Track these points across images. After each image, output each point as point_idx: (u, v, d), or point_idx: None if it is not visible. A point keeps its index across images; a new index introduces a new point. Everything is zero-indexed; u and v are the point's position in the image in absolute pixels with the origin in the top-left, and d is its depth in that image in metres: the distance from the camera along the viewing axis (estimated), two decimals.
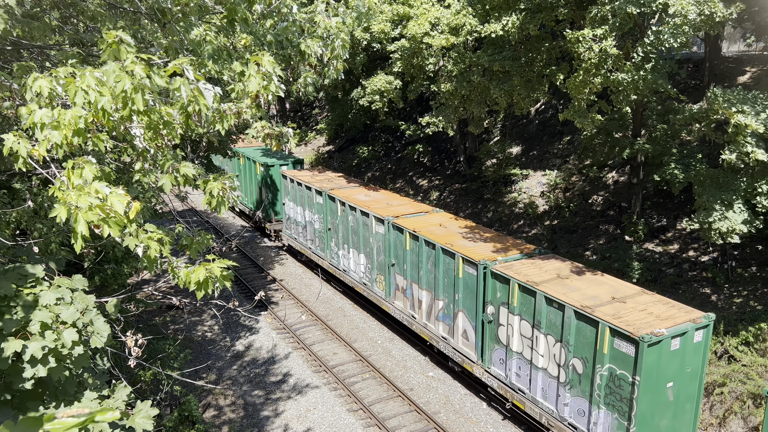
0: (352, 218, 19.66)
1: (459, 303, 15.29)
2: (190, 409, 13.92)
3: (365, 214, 18.85)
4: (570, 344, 12.10)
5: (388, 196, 20.92)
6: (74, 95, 4.08)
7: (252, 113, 5.82)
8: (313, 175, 24.23)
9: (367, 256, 19.26)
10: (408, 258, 17.13)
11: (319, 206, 21.80)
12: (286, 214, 24.84)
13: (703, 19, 13.23)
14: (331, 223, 21.15)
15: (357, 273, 20.12)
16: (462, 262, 14.92)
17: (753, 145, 13.75)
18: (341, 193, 21.02)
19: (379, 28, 24.30)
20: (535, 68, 19.61)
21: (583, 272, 13.81)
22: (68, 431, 1.68)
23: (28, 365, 4.75)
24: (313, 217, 22.50)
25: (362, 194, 20.97)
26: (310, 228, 22.88)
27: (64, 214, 3.89)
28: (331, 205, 20.98)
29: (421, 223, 17.54)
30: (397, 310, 18.06)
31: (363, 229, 19.14)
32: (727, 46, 28.97)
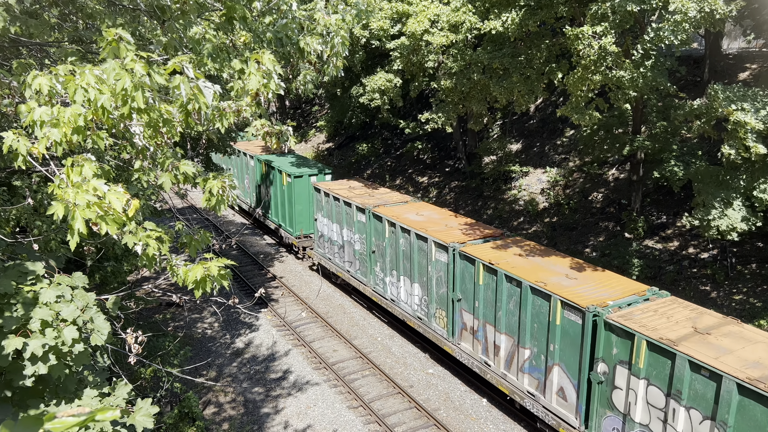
0: (403, 242, 17.18)
1: (554, 355, 12.54)
2: (190, 406, 13.94)
3: (422, 239, 16.34)
4: (728, 425, 9.52)
5: (444, 216, 18.18)
6: (74, 93, 4.08)
7: (252, 111, 5.82)
8: (351, 188, 21.62)
9: (423, 286, 16.72)
10: (481, 294, 14.44)
11: (361, 225, 19.34)
12: (319, 231, 22.25)
13: (703, 16, 13.22)
14: (375, 245, 18.72)
15: (409, 305, 17.59)
16: (560, 306, 12.17)
17: (754, 140, 13.75)
18: (389, 211, 18.45)
19: (379, 25, 24.26)
20: (534, 65, 19.59)
21: (722, 325, 11.04)
22: (69, 430, 1.68)
23: (29, 363, 4.76)
24: (352, 237, 20.04)
25: (413, 213, 18.36)
26: (349, 249, 20.44)
27: (62, 211, 3.90)
28: (376, 224, 18.50)
29: (496, 252, 14.79)
30: (463, 353, 15.32)
31: (418, 255, 16.64)
32: (727, 43, 28.94)
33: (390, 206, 19.16)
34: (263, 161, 27.09)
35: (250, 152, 29.05)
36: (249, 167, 29.08)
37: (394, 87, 26.26)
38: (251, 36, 6.99)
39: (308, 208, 24.21)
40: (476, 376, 15.89)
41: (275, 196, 26.28)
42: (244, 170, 30.38)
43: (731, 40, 30.00)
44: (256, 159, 28.03)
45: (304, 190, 24.20)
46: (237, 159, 30.68)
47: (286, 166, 25.57)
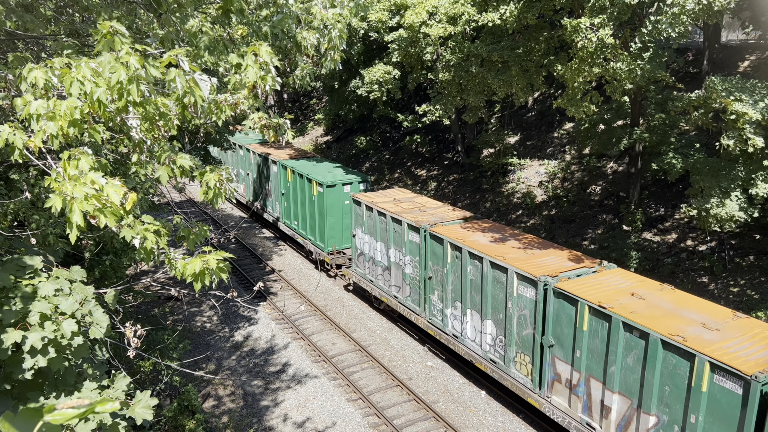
0: (472, 270, 14.62)
1: (698, 429, 10.06)
2: (189, 399, 14.00)
3: (498, 268, 13.76)
4: None
5: (519, 239, 15.47)
6: (70, 86, 4.08)
7: (249, 104, 5.82)
8: (397, 202, 18.98)
9: (498, 324, 14.17)
10: (584, 342, 11.86)
11: (414, 246, 16.85)
12: (358, 248, 19.80)
13: (701, 8, 13.19)
14: (433, 270, 16.21)
15: (478, 344, 14.97)
16: (708, 370, 9.66)
17: (752, 132, 13.76)
18: (450, 232, 15.82)
19: (377, 17, 24.18)
20: (533, 58, 19.56)
21: None
22: (69, 422, 1.69)
23: (28, 356, 4.78)
24: (402, 259, 17.57)
25: (479, 234, 15.85)
26: (397, 272, 17.92)
27: (59, 204, 3.90)
28: (434, 247, 16.04)
29: (604, 290, 12.13)
30: (556, 409, 12.81)
31: (493, 288, 14.06)
32: (726, 34, 28.89)
33: (449, 225, 16.55)
34: (289, 168, 24.04)
35: (273, 156, 26.04)
36: (272, 173, 26.02)
37: (392, 79, 26.21)
38: (248, 29, 6.97)
39: (341, 221, 21.72)
40: (476, 369, 15.95)
41: (302, 207, 23.41)
42: (259, 174, 27.48)
43: (730, 32, 29.95)
44: (279, 165, 24.99)
45: (337, 201, 21.62)
46: (255, 162, 27.88)
47: (316, 173, 22.72)
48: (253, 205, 29.24)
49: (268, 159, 26.41)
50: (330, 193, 21.54)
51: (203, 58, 6.34)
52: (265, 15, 7.45)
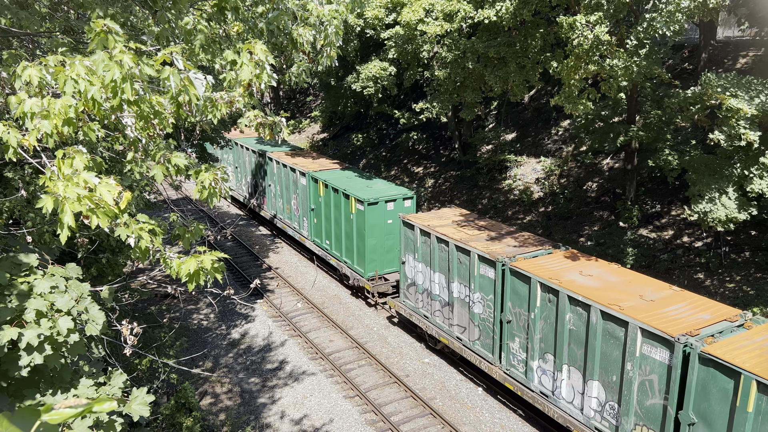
0: (573, 318, 12.06)
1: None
2: (186, 397, 14.01)
3: (613, 320, 11.15)
4: None
5: (629, 279, 12.65)
6: (64, 84, 4.07)
7: (245, 102, 5.81)
8: (458, 226, 16.24)
9: (608, 387, 11.58)
10: (748, 426, 9.31)
11: (486, 282, 14.21)
12: (408, 277, 17.42)
13: (696, 5, 13.21)
14: (513, 313, 13.70)
15: (578, 408, 12.37)
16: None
17: (746, 128, 13.81)
18: (537, 268, 13.14)
19: (373, 14, 24.15)
20: (530, 54, 19.57)
21: None
22: (66, 421, 1.70)
23: (24, 353, 4.79)
24: (469, 296, 14.94)
25: (575, 271, 12.99)
26: (462, 310, 15.38)
27: (51, 204, 3.90)
28: (515, 285, 13.40)
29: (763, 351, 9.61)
30: None
31: (604, 343, 11.44)
32: (722, 31, 28.93)
33: (533, 258, 13.88)
34: (321, 181, 21.53)
35: (300, 167, 23.24)
36: (299, 186, 23.52)
37: (388, 75, 26.18)
38: (244, 26, 6.96)
39: (383, 242, 19.57)
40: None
41: (337, 225, 21.00)
42: (284, 185, 24.89)
43: (726, 29, 29.99)
44: (310, 177, 22.48)
45: (380, 220, 19.33)
46: (283, 173, 24.95)
47: (354, 188, 20.28)
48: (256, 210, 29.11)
49: (296, 170, 23.57)
50: (372, 212, 19.09)
51: (198, 56, 6.33)
52: (261, 11, 7.44)
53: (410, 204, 20.01)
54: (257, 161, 27.80)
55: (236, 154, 30.42)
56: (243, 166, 29.57)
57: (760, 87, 14.23)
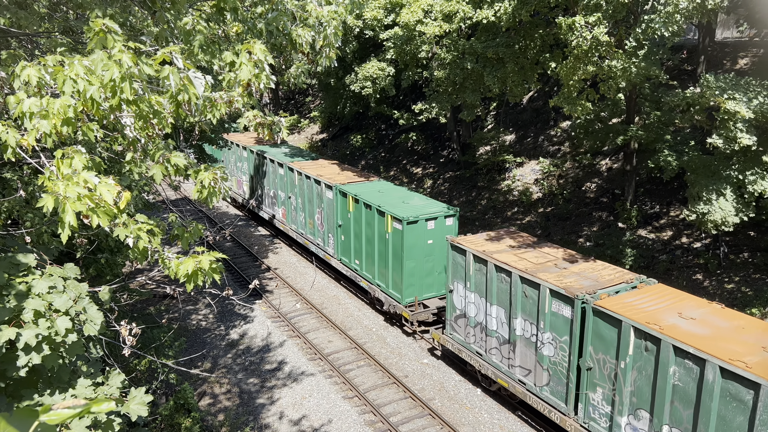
0: (679, 372, 10.19)
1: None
2: (185, 398, 14.00)
3: (741, 382, 9.27)
4: None
5: (743, 323, 10.69)
6: (63, 84, 4.07)
7: (244, 102, 5.81)
8: (517, 251, 14.26)
9: None
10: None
11: (560, 321, 12.28)
12: (456, 307, 15.44)
13: (695, 6, 13.23)
14: (596, 359, 11.73)
15: None
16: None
17: (742, 131, 13.83)
18: (632, 310, 11.11)
19: (372, 15, 24.18)
20: (528, 55, 19.59)
21: None
22: (64, 422, 1.70)
23: (22, 353, 4.78)
24: (536, 335, 13.02)
25: (673, 313, 11.02)
26: (526, 350, 13.41)
27: (51, 203, 3.89)
28: (599, 328, 11.41)
29: None
30: None
31: (723, 406, 9.63)
32: (721, 32, 28.98)
33: (617, 295, 11.82)
34: (351, 196, 19.61)
35: (326, 179, 21.20)
36: (324, 199, 21.42)
37: (386, 76, 26.19)
38: (243, 27, 6.96)
39: (423, 264, 17.73)
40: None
41: (369, 244, 19.10)
42: (307, 198, 22.78)
43: (725, 30, 30.03)
44: (337, 190, 20.41)
45: (419, 240, 17.49)
46: (306, 186, 22.86)
47: (389, 204, 18.32)
48: None
49: (321, 183, 21.38)
50: (410, 231, 17.24)
51: (197, 57, 6.33)
52: (260, 12, 7.44)
53: (452, 222, 17.96)
54: (275, 170, 25.53)
55: (251, 163, 28.21)
56: (265, 176, 26.98)
57: (759, 88, 14.25)
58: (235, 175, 30.71)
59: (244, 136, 31.15)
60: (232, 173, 31.06)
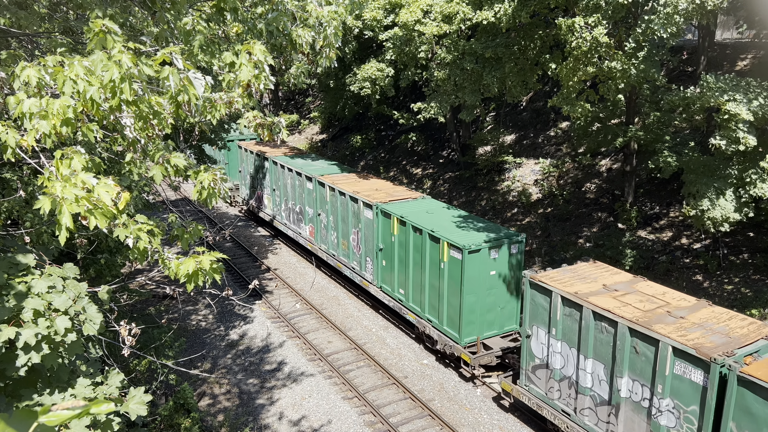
0: None
1: None
2: (185, 398, 13.99)
3: None
4: None
5: None
6: (62, 84, 4.07)
7: (244, 103, 5.82)
8: (616, 294, 12.10)
9: None
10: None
11: (689, 388, 10.13)
12: (536, 356, 13.31)
13: (694, 8, 13.24)
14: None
15: None
16: None
17: (744, 131, 13.84)
18: None
19: (372, 15, 24.19)
20: (528, 56, 19.61)
21: None
22: (64, 423, 1.70)
23: (22, 352, 4.78)
24: (653, 401, 10.81)
25: None
26: (636, 417, 11.21)
27: (48, 205, 3.89)
28: (749, 403, 9.20)
29: None
30: None
31: None
32: (721, 33, 29.00)
33: (766, 359, 9.69)
34: (397, 217, 17.33)
35: (364, 197, 18.88)
36: (362, 219, 19.03)
37: (385, 77, 26.20)
38: (243, 27, 6.97)
39: (484, 299, 15.54)
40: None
41: (418, 272, 16.79)
42: (341, 216, 20.35)
43: (725, 30, 30.05)
44: (378, 210, 18.12)
45: (481, 272, 15.30)
46: (339, 203, 20.41)
47: (445, 228, 16.16)
48: None
49: (358, 201, 19.06)
50: (472, 261, 15.04)
51: (197, 57, 6.33)
52: (260, 12, 7.45)
53: (517, 250, 15.76)
54: (301, 184, 23.04)
55: (274, 175, 25.57)
56: (283, 188, 24.76)
57: (759, 89, 14.26)
58: (256, 188, 28.20)
59: (265, 145, 28.91)
60: (251, 184, 28.82)
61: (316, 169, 23.02)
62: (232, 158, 31.94)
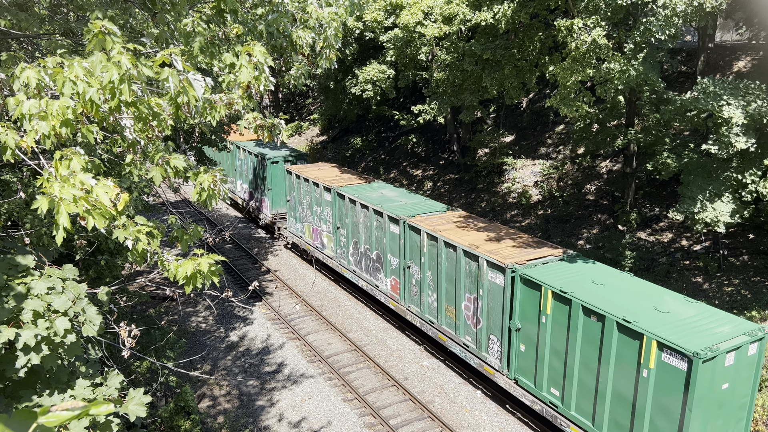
0: None
1: None
2: (186, 400, 13.98)
3: None
4: None
5: None
6: (62, 85, 4.08)
7: (243, 104, 5.82)
8: None
9: None
10: None
11: None
12: None
13: (693, 9, 13.25)
14: None
15: None
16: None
17: (738, 135, 13.84)
18: None
19: (372, 17, 24.22)
20: (527, 57, 19.62)
21: None
22: (63, 423, 1.70)
23: (21, 353, 4.78)
24: None
25: None
26: None
27: (46, 205, 3.89)
28: None
29: None
30: None
31: None
32: (720, 35, 29.02)
33: None
34: (553, 291, 12.35)
35: (489, 254, 13.94)
36: (484, 284, 14.14)
37: (386, 78, 26.22)
38: (243, 28, 6.98)
39: (713, 421, 10.63)
40: (471, 368, 15.92)
41: (586, 370, 11.90)
42: (445, 273, 15.53)
43: (724, 32, 30.07)
44: (515, 275, 13.23)
45: (713, 386, 10.35)
46: (442, 255, 15.63)
47: (646, 317, 11.01)
48: None
49: (479, 259, 14.09)
50: (704, 373, 10.05)
51: (197, 58, 6.34)
52: (261, 14, 7.46)
53: (755, 351, 10.76)
54: (381, 226, 18.21)
55: (339, 210, 20.58)
56: (352, 227, 19.97)
57: (758, 91, 14.26)
58: (311, 223, 22.70)
59: (320, 167, 24.26)
60: (304, 217, 23.27)
61: (402, 208, 17.81)
62: (276, 183, 26.10)
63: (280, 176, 25.86)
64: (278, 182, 25.96)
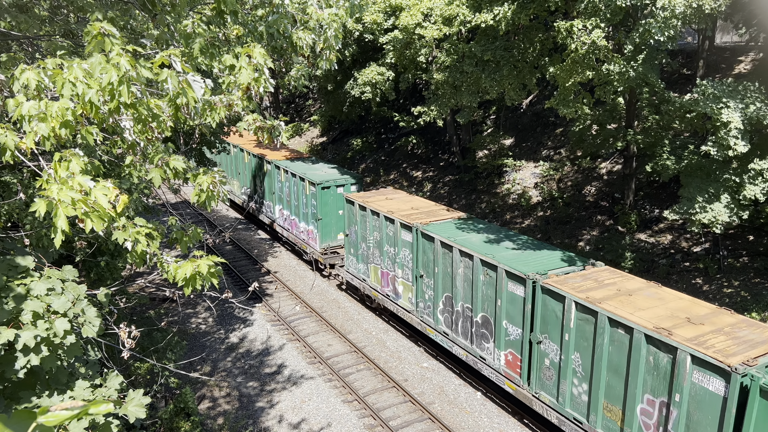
0: None
1: None
2: (185, 401, 13.97)
3: None
4: None
5: None
6: (62, 87, 4.08)
7: (243, 105, 5.82)
8: None
9: None
10: None
11: None
12: None
13: (692, 11, 13.26)
14: None
15: None
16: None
17: (737, 138, 13.85)
18: None
19: (372, 18, 24.24)
20: (527, 59, 19.63)
21: None
22: (62, 423, 1.70)
23: (21, 354, 4.78)
24: None
25: None
26: None
27: (44, 208, 3.89)
28: None
29: None
30: None
31: None
32: (720, 36, 29.03)
33: None
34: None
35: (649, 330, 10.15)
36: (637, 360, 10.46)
37: (386, 80, 26.24)
38: (243, 29, 6.98)
39: None
40: (471, 369, 15.93)
41: None
42: None
43: (724, 34, 30.08)
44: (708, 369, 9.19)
45: None
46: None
47: None
48: None
49: (630, 329, 10.30)
50: None
51: (197, 60, 6.34)
52: (261, 15, 7.46)
53: None
54: (492, 283, 14.02)
55: (424, 255, 16.45)
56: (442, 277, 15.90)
57: (757, 93, 14.26)
58: (377, 264, 18.82)
59: (389, 196, 20.08)
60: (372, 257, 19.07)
61: (524, 260, 13.95)
62: (327, 212, 22.43)
63: (331, 204, 22.39)
64: (329, 211, 22.43)
